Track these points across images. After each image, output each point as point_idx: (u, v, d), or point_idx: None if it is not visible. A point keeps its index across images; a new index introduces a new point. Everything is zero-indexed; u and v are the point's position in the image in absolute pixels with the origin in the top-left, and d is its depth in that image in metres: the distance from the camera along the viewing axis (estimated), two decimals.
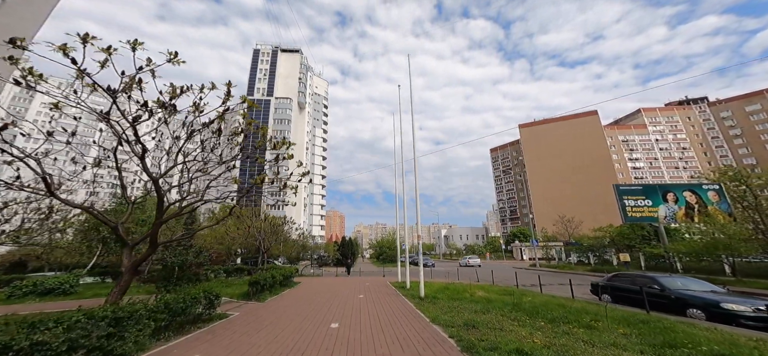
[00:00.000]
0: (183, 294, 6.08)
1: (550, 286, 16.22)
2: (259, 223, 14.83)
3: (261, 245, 15.54)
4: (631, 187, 21.66)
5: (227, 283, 13.34)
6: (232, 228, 16.88)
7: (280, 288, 12.56)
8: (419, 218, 11.30)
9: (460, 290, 12.75)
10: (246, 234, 15.62)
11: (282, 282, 13.21)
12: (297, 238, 24.44)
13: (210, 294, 6.47)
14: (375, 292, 12.86)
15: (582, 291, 14.38)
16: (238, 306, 9.11)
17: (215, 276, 16.16)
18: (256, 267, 16.75)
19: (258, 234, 14.98)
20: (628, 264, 22.21)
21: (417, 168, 11.80)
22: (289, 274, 13.80)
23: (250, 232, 15.45)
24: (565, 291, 13.92)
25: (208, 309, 6.57)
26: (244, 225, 15.14)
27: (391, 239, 46.11)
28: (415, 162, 11.75)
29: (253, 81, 79.25)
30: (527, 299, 10.01)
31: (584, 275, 24.15)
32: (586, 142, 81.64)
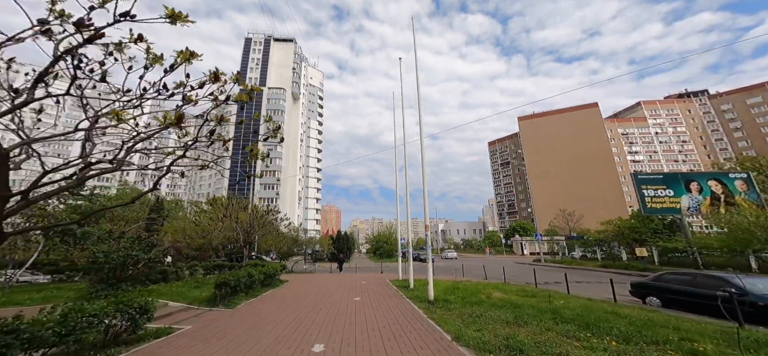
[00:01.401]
0: (92, 306, 4.06)
1: (572, 284, 14.45)
2: (236, 213, 12.76)
3: (240, 239, 13.49)
4: (651, 176, 19.99)
5: (201, 283, 11.30)
6: (205, 219, 14.85)
7: (260, 289, 10.58)
8: (427, 205, 9.33)
9: (473, 290, 10.89)
10: (223, 227, 13.59)
11: (264, 282, 11.23)
12: (287, 231, 22.32)
13: (131, 305, 4.45)
14: (373, 293, 10.93)
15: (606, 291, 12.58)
16: (197, 314, 7.09)
17: (191, 274, 14.11)
18: (240, 264, 14.71)
19: (236, 225, 12.90)
20: (644, 260, 20.61)
21: (424, 149, 9.81)
22: (272, 272, 11.82)
23: (226, 224, 13.39)
24: (594, 291, 12.13)
25: (132, 325, 4.55)
26: (217, 213, 13.02)
27: (389, 233, 44.28)
28: (421, 141, 9.76)
29: (245, 70, 76.21)
30: (560, 303, 8.15)
31: (596, 271, 22.52)
32: (586, 135, 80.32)
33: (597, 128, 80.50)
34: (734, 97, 79.79)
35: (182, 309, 7.19)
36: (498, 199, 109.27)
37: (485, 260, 39.99)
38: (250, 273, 9.41)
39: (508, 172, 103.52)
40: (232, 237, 14.21)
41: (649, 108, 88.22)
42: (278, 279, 13.78)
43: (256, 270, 10.27)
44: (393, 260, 38.28)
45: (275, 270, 12.20)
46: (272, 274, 11.93)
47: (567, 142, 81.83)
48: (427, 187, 9.49)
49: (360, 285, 13.36)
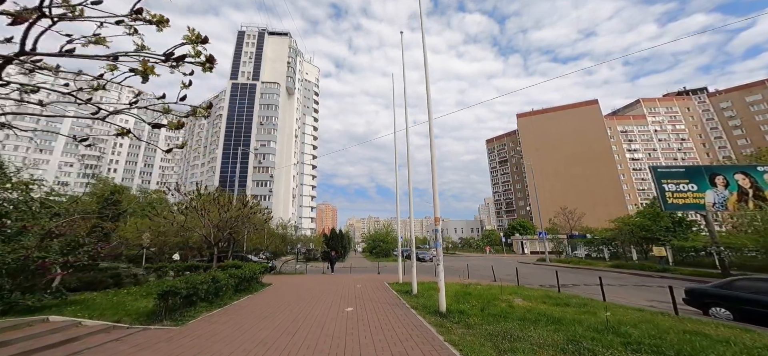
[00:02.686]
0: None
1: (595, 288, 12.75)
2: (202, 206, 10.71)
3: (211, 236, 11.53)
4: (672, 170, 18.40)
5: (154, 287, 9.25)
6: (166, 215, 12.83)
7: (232, 297, 8.70)
8: (436, 191, 7.53)
9: (489, 296, 9.11)
10: (203, 223, 11.60)
11: (239, 287, 9.33)
12: (275, 228, 20.31)
13: None
14: (370, 301, 9.09)
15: (641, 296, 10.90)
16: (122, 336, 5.17)
17: (159, 277, 12.15)
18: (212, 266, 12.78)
19: (203, 219, 10.89)
20: (662, 260, 19.07)
21: (433, 131, 8.00)
22: (249, 275, 9.92)
23: (191, 219, 11.42)
24: (631, 297, 10.40)
25: None
26: (160, 210, 10.90)
27: (386, 232, 42.47)
28: (430, 122, 7.96)
29: (238, 64, 73.78)
30: (608, 314, 6.39)
31: (610, 272, 20.94)
32: (585, 133, 79.27)
33: (597, 126, 79.49)
34: (733, 95, 79.28)
35: (102, 330, 5.27)
36: (496, 198, 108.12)
37: (486, 259, 38.37)
38: (215, 278, 7.52)
39: (506, 170, 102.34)
40: (217, 235, 12.25)
41: (648, 106, 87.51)
42: (260, 283, 11.89)
43: (226, 273, 8.39)
44: (390, 260, 36.45)
45: (254, 272, 10.31)
46: (250, 277, 10.05)
47: (566, 140, 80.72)
48: (436, 176, 7.66)
49: (354, 290, 11.51)
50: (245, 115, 67.90)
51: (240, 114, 67.52)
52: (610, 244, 30.53)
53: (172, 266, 13.17)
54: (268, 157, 65.30)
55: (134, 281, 9.62)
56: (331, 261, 21.32)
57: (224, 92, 71.80)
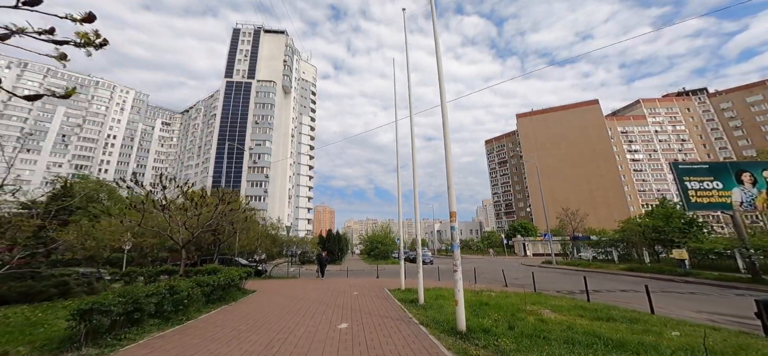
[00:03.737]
0: None
1: (622, 294, 11.34)
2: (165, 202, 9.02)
3: (179, 238, 9.92)
4: (695, 166, 17.05)
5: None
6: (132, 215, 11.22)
7: (203, 308, 7.15)
8: (451, 181, 6.10)
9: (510, 307, 7.64)
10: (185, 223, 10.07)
11: (211, 296, 7.79)
12: (266, 229, 18.62)
13: None
14: (369, 313, 7.58)
15: (680, 306, 9.48)
16: None
17: (127, 283, 10.55)
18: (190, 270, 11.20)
19: (168, 216, 9.26)
20: (684, 263, 17.70)
21: (447, 115, 6.53)
22: (225, 282, 8.34)
23: (156, 218, 9.83)
24: (674, 307, 8.95)
25: None
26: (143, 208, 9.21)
27: (384, 233, 40.92)
28: (443, 105, 6.38)
29: (232, 62, 72.21)
30: (674, 335, 4.93)
31: (626, 276, 19.54)
32: (586, 133, 78.42)
33: (597, 125, 78.65)
34: (734, 96, 78.82)
35: None
36: (495, 199, 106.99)
37: (490, 261, 36.93)
38: (173, 289, 5.97)
39: (505, 171, 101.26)
40: (187, 236, 10.67)
41: (648, 106, 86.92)
42: (241, 290, 10.33)
43: (191, 281, 6.84)
44: (389, 262, 34.89)
45: (231, 279, 8.74)
46: (227, 285, 8.49)
47: (567, 140, 79.81)
48: (451, 162, 6.21)
49: (350, 298, 9.99)
50: (240, 113, 66.23)
51: (234, 113, 65.84)
52: (619, 246, 29.22)
53: (143, 271, 11.56)
54: (264, 156, 63.63)
55: (88, 290, 8.05)
56: (321, 264, 18.09)
57: (219, 92, 70.05)
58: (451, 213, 5.93)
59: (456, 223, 5.92)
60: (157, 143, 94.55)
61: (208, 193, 16.80)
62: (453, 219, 5.94)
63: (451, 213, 5.93)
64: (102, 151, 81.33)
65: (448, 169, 6.13)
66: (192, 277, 7.82)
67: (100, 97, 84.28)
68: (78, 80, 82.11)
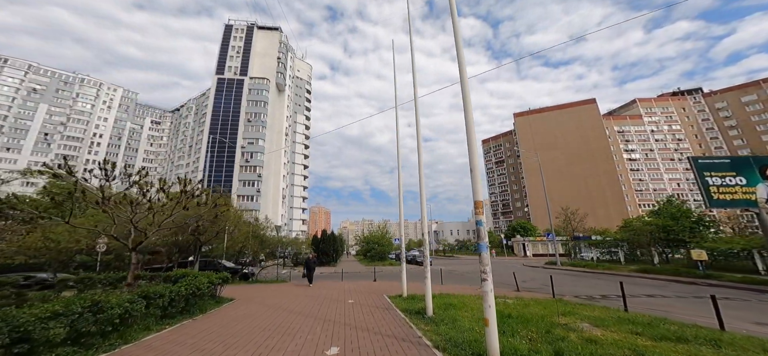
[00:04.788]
0: None
1: (650, 301, 10.03)
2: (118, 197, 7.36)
3: (131, 240, 8.23)
4: (716, 161, 15.91)
5: None
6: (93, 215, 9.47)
7: (154, 326, 5.62)
8: (476, 164, 4.64)
9: (536, 318, 6.25)
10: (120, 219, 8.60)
11: (171, 308, 6.25)
12: (249, 228, 16.96)
13: None
14: (368, 330, 6.12)
15: (732, 315, 8.17)
16: None
17: (80, 291, 8.93)
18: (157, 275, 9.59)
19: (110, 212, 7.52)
20: (703, 264, 16.53)
21: (467, 90, 4.95)
22: (189, 292, 6.75)
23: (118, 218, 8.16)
24: (729, 316, 7.59)
25: None
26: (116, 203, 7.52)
27: (381, 233, 39.43)
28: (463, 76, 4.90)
29: (224, 59, 70.06)
30: None
31: (640, 277, 18.35)
32: (583, 132, 78.03)
33: (595, 125, 78.31)
34: (729, 95, 79.11)
35: None
36: (492, 199, 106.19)
37: (496, 264, 35.63)
38: (96, 307, 4.40)
39: (502, 171, 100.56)
40: (138, 238, 9.06)
41: (644, 106, 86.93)
42: (216, 298, 8.79)
43: (127, 296, 5.29)
44: (386, 263, 33.40)
45: (198, 287, 7.16)
46: (192, 294, 6.94)
47: (565, 139, 79.35)
48: (474, 140, 4.78)
49: (344, 308, 8.51)
50: (232, 111, 64.21)
51: (226, 110, 63.80)
52: (625, 246, 28.17)
53: (103, 277, 9.92)
54: (256, 155, 61.69)
55: (16, 300, 6.43)
56: (309, 269, 14.91)
57: (210, 89, 67.90)
58: (477, 204, 4.49)
59: (483, 217, 4.47)
60: (147, 142, 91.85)
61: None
62: (479, 211, 4.49)
63: (477, 204, 4.49)
64: (87, 150, 78.45)
65: (471, 149, 4.69)
66: (142, 286, 6.28)
67: (85, 95, 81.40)
68: (62, 77, 79.20)
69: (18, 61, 75.71)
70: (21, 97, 73.51)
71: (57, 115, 76.46)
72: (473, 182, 4.58)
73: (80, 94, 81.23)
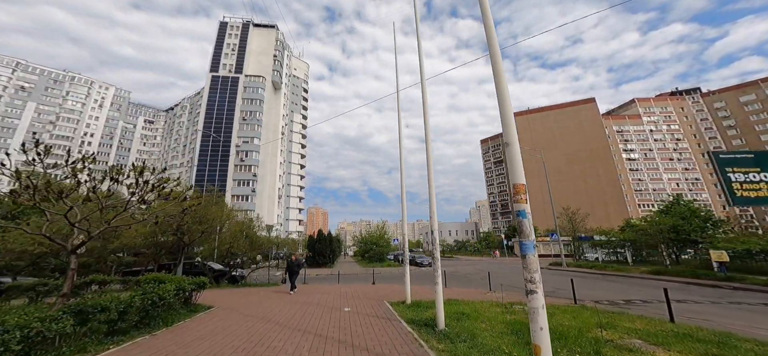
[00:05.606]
0: None
1: (696, 307, 8.93)
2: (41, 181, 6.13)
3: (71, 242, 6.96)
4: (738, 156, 14.98)
5: None
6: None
7: (88, 348, 4.39)
8: (513, 134, 3.41)
9: (576, 331, 5.07)
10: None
11: (121, 323, 5.03)
12: (237, 227, 15.64)
13: None
14: (367, 351, 4.91)
15: None
16: None
17: (31, 299, 7.69)
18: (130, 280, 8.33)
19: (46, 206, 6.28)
20: (724, 267, 15.49)
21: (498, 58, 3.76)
22: (145, 303, 5.47)
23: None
24: None
25: None
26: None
27: (379, 234, 38.21)
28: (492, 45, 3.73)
29: (218, 56, 68.56)
30: None
31: (654, 279, 17.31)
32: (583, 131, 77.43)
33: (594, 124, 77.75)
34: (727, 95, 78.96)
35: None
36: (491, 199, 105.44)
37: (497, 263, 34.55)
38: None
39: (501, 171, 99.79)
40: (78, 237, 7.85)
41: (643, 105, 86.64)
42: (191, 306, 7.55)
43: (51, 312, 4.08)
44: (384, 264, 32.19)
45: (161, 297, 5.89)
46: (156, 304, 5.71)
47: (564, 139, 78.70)
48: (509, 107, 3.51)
49: (339, 319, 7.30)
50: (226, 109, 62.72)
51: (220, 108, 62.30)
52: (633, 246, 27.21)
53: (61, 283, 8.62)
54: (252, 154, 60.25)
55: None
56: (290, 271, 12.45)
57: (204, 88, 66.32)
58: (517, 188, 3.32)
59: (527, 206, 3.30)
60: (139, 142, 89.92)
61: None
62: (521, 197, 3.32)
63: (517, 188, 3.32)
64: (78, 149, 76.40)
65: (507, 120, 3.53)
66: (84, 298, 5.05)
67: (76, 93, 79.39)
68: (51, 75, 77.19)
69: (5, 59, 73.69)
70: (8, 95, 71.49)
71: (46, 114, 74.47)
72: (510, 160, 3.42)
73: (70, 93, 79.24)
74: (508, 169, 3.40)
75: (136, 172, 6.06)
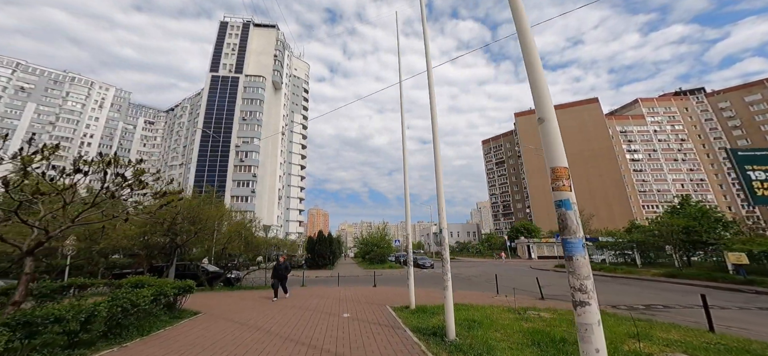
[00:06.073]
0: None
1: (726, 313, 8.19)
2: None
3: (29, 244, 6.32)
4: (758, 153, 14.27)
5: None
6: None
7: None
8: (549, 107, 2.69)
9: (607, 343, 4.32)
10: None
11: (82, 335, 4.37)
12: (230, 228, 14.97)
13: None
14: None
15: None
16: None
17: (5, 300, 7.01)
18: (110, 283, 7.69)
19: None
20: (742, 270, 14.75)
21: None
22: (121, 308, 4.83)
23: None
24: None
25: None
26: None
27: (381, 235, 37.50)
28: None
29: (219, 56, 68.08)
30: None
31: (669, 282, 16.58)
32: (586, 131, 76.59)
33: (597, 125, 76.93)
34: (732, 95, 78.06)
35: None
36: (492, 200, 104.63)
37: (503, 266, 33.75)
38: None
39: (503, 172, 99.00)
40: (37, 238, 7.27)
41: (646, 106, 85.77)
42: (175, 311, 6.90)
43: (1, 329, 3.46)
44: (386, 266, 31.50)
45: (135, 302, 5.23)
46: (127, 312, 5.06)
47: (567, 139, 75.85)
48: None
49: (337, 327, 6.62)
50: (226, 109, 62.20)
51: (220, 108, 61.79)
52: (641, 248, 26.40)
53: (40, 287, 7.98)
54: (252, 154, 59.64)
55: None
56: (278, 276, 11.07)
57: (204, 88, 65.85)
58: (557, 172, 2.64)
59: (572, 194, 2.62)
60: (140, 143, 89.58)
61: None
62: (562, 184, 2.65)
63: (557, 172, 2.64)
64: (77, 150, 76.04)
65: (541, 94, 2.86)
66: (41, 308, 4.40)
67: (75, 94, 79.10)
68: (51, 76, 76.96)
69: (5, 59, 73.49)
70: (8, 96, 71.23)
71: (45, 115, 74.17)
72: (546, 139, 2.75)
73: (70, 93, 78.96)
74: (545, 151, 2.72)
75: (103, 163, 5.41)
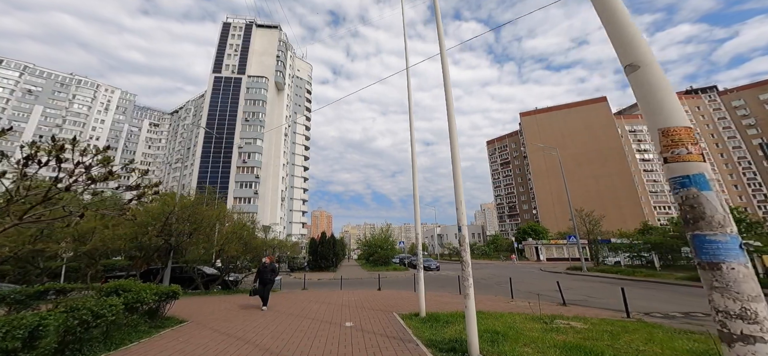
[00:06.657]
0: None
1: None
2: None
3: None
4: None
5: None
6: None
7: None
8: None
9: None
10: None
11: (32, 351, 3.58)
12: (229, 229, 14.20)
13: None
14: None
15: None
16: None
17: None
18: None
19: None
20: None
21: None
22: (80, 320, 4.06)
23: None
24: None
25: None
26: None
27: (384, 236, 36.55)
28: None
29: (221, 57, 67.99)
30: None
31: (696, 287, 15.41)
32: (594, 131, 74.93)
33: (606, 124, 75.23)
34: (746, 93, 75.96)
35: None
36: (498, 202, 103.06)
37: (514, 268, 32.61)
38: None
39: (508, 172, 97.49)
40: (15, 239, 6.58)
41: None
42: (159, 319, 6.10)
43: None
44: (390, 268, 30.56)
45: (100, 313, 4.42)
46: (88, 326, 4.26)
47: (574, 139, 76.22)
48: None
49: (338, 339, 5.75)
50: (229, 110, 61.95)
51: (222, 109, 61.58)
52: (659, 250, 25.17)
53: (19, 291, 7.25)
54: (254, 155, 59.20)
55: None
56: (262, 280, 9.25)
57: (207, 89, 65.73)
58: (673, 134, 1.72)
59: (706, 165, 1.71)
60: (144, 145, 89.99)
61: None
62: (680, 152, 1.73)
63: (673, 134, 1.72)
64: None
65: (622, 25, 1.92)
66: None
67: (82, 96, 79.63)
68: (58, 79, 77.60)
69: (13, 62, 74.25)
70: (15, 99, 71.89)
71: (52, 117, 74.71)
72: (646, 90, 1.84)
73: (77, 96, 79.53)
74: (646, 108, 1.83)
75: (55, 149, 4.64)
